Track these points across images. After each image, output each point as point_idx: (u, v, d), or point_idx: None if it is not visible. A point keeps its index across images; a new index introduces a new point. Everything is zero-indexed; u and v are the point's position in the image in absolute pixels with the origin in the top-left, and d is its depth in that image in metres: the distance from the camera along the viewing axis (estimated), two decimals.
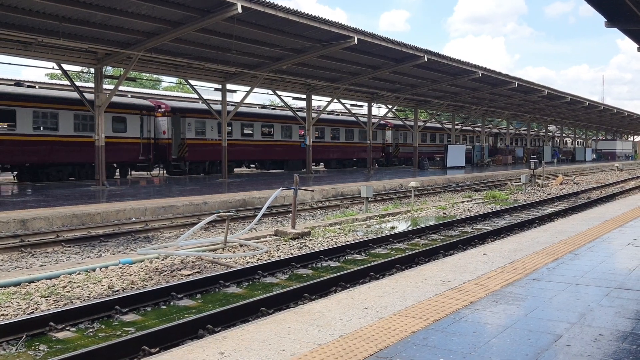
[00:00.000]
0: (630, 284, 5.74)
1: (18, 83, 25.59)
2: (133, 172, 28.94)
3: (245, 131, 31.21)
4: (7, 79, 27.03)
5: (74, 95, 22.40)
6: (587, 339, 4.09)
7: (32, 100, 22.25)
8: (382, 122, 41.41)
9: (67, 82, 23.84)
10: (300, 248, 10.35)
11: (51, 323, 5.82)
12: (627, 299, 5.17)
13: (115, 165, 26.05)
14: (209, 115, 27.71)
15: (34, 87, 25.29)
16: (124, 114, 25.33)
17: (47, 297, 6.87)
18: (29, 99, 22.18)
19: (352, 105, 37.27)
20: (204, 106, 27.66)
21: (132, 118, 25.66)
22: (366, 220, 14.18)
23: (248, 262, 9.01)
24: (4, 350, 5.36)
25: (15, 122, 21.50)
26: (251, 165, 35.66)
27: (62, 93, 24.63)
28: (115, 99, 22.46)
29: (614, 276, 6.09)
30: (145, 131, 26.33)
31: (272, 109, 39.23)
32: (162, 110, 27.71)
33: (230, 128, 28.47)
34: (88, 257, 10.03)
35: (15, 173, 23.82)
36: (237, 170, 34.09)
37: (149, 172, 29.04)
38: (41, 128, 22.52)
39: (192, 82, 26.67)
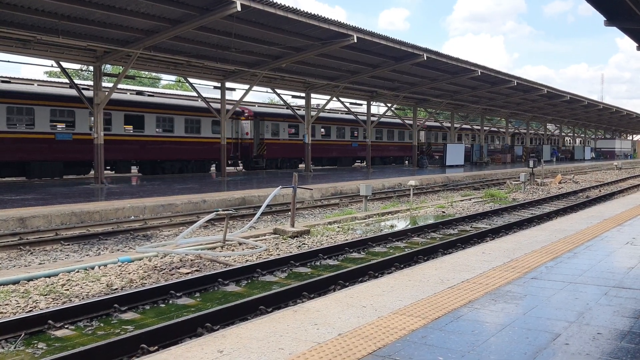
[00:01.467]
0: (629, 283, 5.74)
1: (140, 92, 29.95)
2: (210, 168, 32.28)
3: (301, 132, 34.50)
4: (125, 89, 30.32)
5: (190, 103, 28.76)
6: (586, 338, 4.09)
7: (155, 107, 26.91)
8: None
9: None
10: (299, 246, 10.35)
11: (50, 321, 5.82)
12: (625, 298, 5.18)
13: (211, 161, 30.69)
14: (281, 119, 33.61)
15: (152, 95, 30.20)
16: (202, 116, 29.10)
17: (45, 295, 6.87)
18: (152, 106, 26.78)
19: (351, 103, 37.30)
20: (279, 111, 33.69)
21: (226, 122, 28.35)
22: (365, 219, 14.18)
23: (247, 261, 9.01)
24: (3, 348, 5.36)
25: (144, 126, 26.20)
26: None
27: (179, 101, 30.21)
28: (213, 105, 26.97)
29: (613, 275, 6.10)
30: (234, 132, 30.82)
31: (329, 112, 41.68)
32: (246, 114, 32.14)
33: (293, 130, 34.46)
34: (87, 255, 10.03)
35: (137, 167, 28.18)
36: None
37: (235, 167, 33.32)
38: (160, 130, 27.19)
39: (191, 80, 26.68)
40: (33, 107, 22.16)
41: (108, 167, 24.92)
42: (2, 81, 23.39)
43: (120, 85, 25.78)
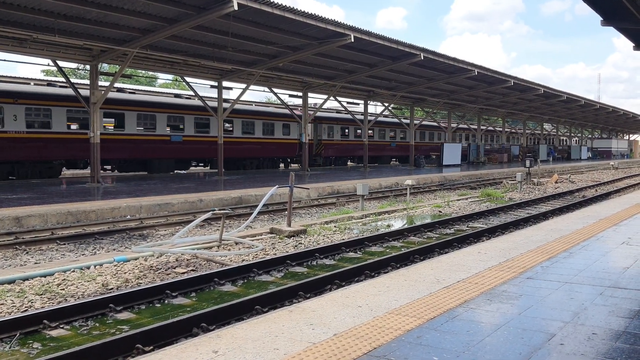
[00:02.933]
0: (624, 283, 5.75)
1: (227, 100, 32.55)
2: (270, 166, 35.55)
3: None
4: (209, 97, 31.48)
5: (266, 109, 33.03)
6: (581, 338, 4.09)
7: (242, 113, 31.08)
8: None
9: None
10: (295, 246, 10.34)
11: (45, 321, 5.80)
12: (620, 298, 5.19)
13: (280, 159, 35.53)
14: (335, 122, 38.54)
15: (239, 102, 33.32)
16: (289, 121, 33.78)
17: (41, 294, 6.85)
18: (240, 112, 30.73)
19: (348, 103, 37.33)
20: (334, 115, 38.10)
21: (293, 125, 34.07)
22: (362, 218, 14.18)
23: (243, 260, 9.00)
24: None
25: (233, 129, 30.34)
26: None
27: (258, 108, 34.37)
28: (283, 110, 32.13)
29: (608, 275, 6.11)
30: (298, 134, 34.15)
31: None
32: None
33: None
34: (82, 254, 10.01)
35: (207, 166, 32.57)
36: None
37: (298, 165, 36.51)
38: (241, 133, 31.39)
39: (188, 79, 26.66)
40: (155, 114, 26.66)
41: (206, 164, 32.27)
42: (131, 92, 27.87)
43: (211, 94, 29.04)
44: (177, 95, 31.79)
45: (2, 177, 21.74)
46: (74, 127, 24.30)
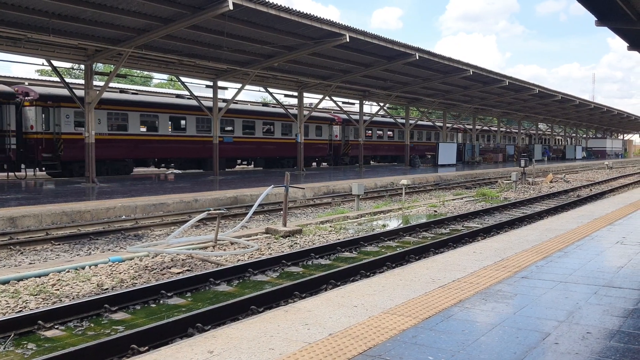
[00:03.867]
0: (619, 282, 5.78)
1: (265, 104, 37.47)
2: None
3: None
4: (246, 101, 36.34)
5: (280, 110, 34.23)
6: (575, 337, 4.11)
7: (280, 116, 34.05)
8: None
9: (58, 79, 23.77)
10: (291, 246, 10.34)
11: (40, 321, 5.78)
12: (615, 297, 5.21)
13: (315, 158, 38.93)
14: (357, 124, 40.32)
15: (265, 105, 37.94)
16: (321, 124, 37.75)
17: (35, 295, 6.83)
18: (279, 115, 33.98)
19: (343, 102, 37.36)
20: (357, 118, 38.54)
21: (325, 127, 38.31)
22: (357, 218, 14.19)
23: (238, 260, 8.99)
24: None
25: (254, 130, 32.65)
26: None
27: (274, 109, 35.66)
28: (316, 114, 34.87)
29: (603, 274, 6.13)
30: (328, 135, 38.55)
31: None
32: (337, 121, 39.84)
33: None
34: (77, 255, 9.98)
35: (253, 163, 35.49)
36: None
37: (323, 163, 40.62)
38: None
39: (183, 79, 26.63)
40: (211, 118, 27.80)
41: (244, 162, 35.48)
42: (189, 98, 29.54)
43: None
44: (224, 100, 32.14)
45: (68, 174, 23.94)
46: (142, 129, 27.00)
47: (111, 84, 26.61)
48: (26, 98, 22.64)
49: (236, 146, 31.33)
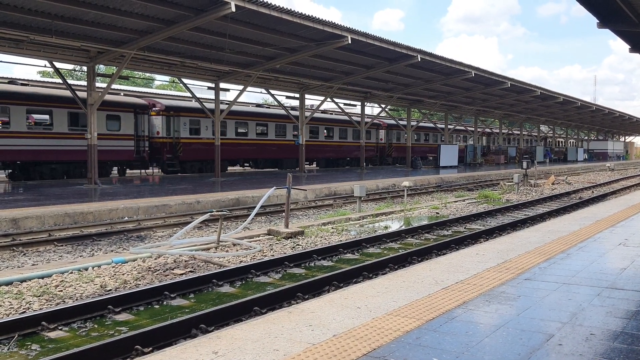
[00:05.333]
0: (622, 284, 5.78)
1: (325, 111, 39.91)
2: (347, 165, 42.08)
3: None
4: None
5: (339, 117, 38.73)
6: (579, 339, 4.11)
7: (324, 121, 38.39)
8: None
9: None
10: (293, 247, 10.35)
11: (43, 323, 5.79)
12: (618, 299, 5.21)
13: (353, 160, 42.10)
14: (398, 128, 46.04)
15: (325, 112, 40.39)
16: (370, 129, 41.76)
17: (39, 296, 6.84)
18: (322, 120, 37.98)
19: (345, 104, 37.37)
20: (403, 122, 44.22)
21: (373, 131, 43.05)
22: (359, 220, 14.19)
23: (241, 262, 9.00)
24: None
25: (318, 135, 37.55)
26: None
27: (335, 116, 40.16)
28: (356, 118, 37.85)
29: (606, 276, 6.13)
30: (374, 138, 43.33)
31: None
32: (382, 126, 44.71)
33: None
34: (80, 256, 9.99)
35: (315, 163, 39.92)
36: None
37: (371, 165, 43.77)
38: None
39: (185, 80, 26.65)
40: (285, 124, 34.12)
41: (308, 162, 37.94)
42: (267, 107, 35.99)
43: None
44: (293, 108, 36.80)
45: (183, 171, 28.31)
46: (241, 132, 31.59)
47: (124, 87, 27.10)
48: (153, 109, 26.76)
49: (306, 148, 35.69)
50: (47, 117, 23.04)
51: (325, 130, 38.64)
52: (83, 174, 23.30)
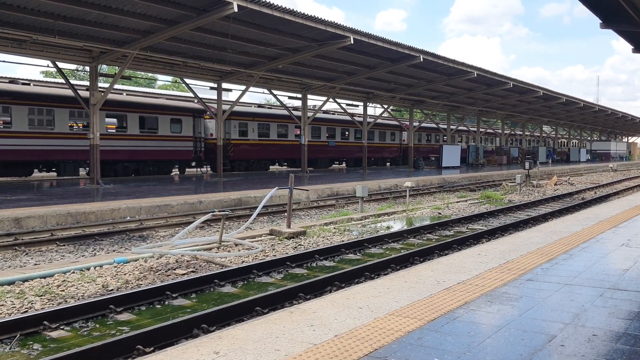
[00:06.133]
0: (624, 285, 5.76)
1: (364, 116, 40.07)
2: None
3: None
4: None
5: (380, 121, 40.86)
6: (581, 339, 4.10)
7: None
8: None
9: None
10: (295, 247, 10.35)
11: (45, 322, 5.80)
12: (620, 300, 5.19)
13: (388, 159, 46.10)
14: (424, 130, 48.29)
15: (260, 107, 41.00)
16: (388, 130, 44.40)
17: (41, 296, 6.85)
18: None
19: (347, 105, 37.37)
20: (430, 125, 47.90)
21: (394, 133, 45.19)
22: (361, 220, 14.19)
23: (243, 262, 9.00)
24: None
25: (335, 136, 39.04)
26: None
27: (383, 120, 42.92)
28: (381, 121, 41.47)
29: (608, 277, 6.12)
30: (399, 140, 45.66)
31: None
32: (405, 127, 44.89)
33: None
34: (82, 256, 10.00)
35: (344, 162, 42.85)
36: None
37: (394, 165, 46.15)
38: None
39: (188, 80, 26.67)
40: (320, 126, 37.13)
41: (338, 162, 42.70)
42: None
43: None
44: (325, 112, 39.86)
45: (232, 169, 30.54)
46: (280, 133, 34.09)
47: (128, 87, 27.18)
48: (207, 112, 28.11)
49: (338, 149, 39.41)
50: (120, 121, 25.88)
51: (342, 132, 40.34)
52: (152, 172, 27.35)
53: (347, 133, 40.28)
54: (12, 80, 25.15)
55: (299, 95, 31.38)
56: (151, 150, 26.42)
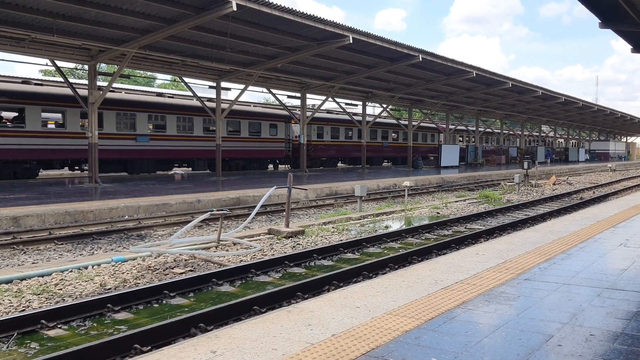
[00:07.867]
0: (622, 285, 5.76)
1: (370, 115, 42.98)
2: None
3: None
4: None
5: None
6: (579, 339, 4.10)
7: (382, 125, 43.89)
8: None
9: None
10: (293, 247, 10.34)
11: (43, 321, 5.79)
12: (618, 300, 5.20)
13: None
14: (431, 130, 50.46)
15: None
16: (430, 133, 48.77)
17: (38, 294, 6.84)
18: (380, 125, 43.25)
19: (346, 104, 37.36)
20: (428, 125, 48.94)
21: (420, 134, 47.03)
22: (360, 219, 14.18)
23: (241, 261, 9.00)
24: None
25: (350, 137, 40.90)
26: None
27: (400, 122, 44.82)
28: (428, 124, 46.84)
29: (606, 276, 6.12)
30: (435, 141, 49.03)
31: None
32: (441, 129, 48.79)
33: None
34: (80, 254, 9.99)
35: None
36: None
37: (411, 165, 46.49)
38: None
39: (187, 79, 26.66)
40: (352, 128, 39.96)
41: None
42: (328, 112, 41.22)
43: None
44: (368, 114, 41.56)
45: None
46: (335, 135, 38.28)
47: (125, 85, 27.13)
48: (292, 119, 34.10)
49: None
50: (235, 126, 31.06)
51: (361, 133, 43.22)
52: (256, 167, 33.50)
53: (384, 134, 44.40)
54: (25, 81, 25.37)
55: (298, 95, 31.38)
56: (257, 150, 32.80)
